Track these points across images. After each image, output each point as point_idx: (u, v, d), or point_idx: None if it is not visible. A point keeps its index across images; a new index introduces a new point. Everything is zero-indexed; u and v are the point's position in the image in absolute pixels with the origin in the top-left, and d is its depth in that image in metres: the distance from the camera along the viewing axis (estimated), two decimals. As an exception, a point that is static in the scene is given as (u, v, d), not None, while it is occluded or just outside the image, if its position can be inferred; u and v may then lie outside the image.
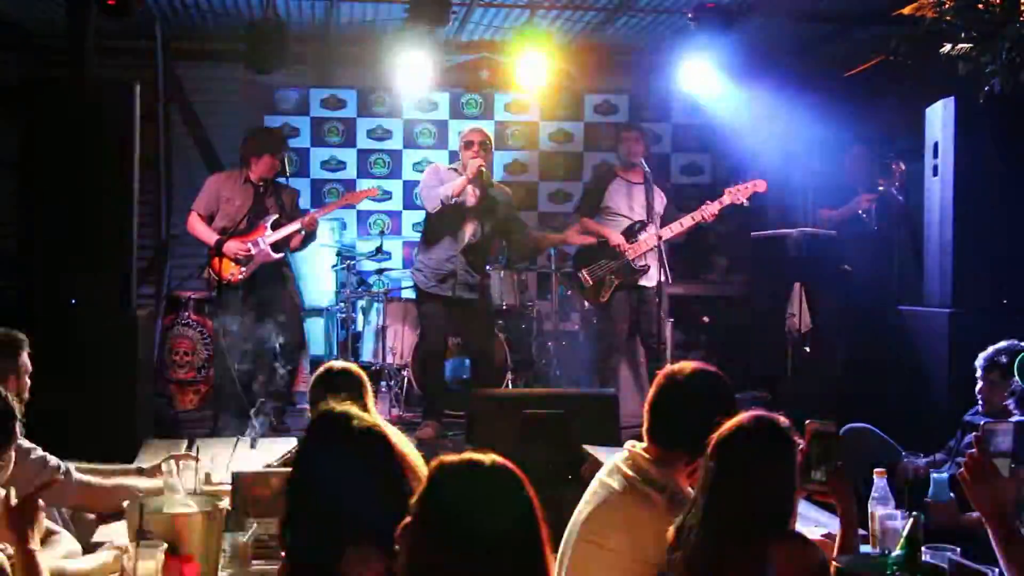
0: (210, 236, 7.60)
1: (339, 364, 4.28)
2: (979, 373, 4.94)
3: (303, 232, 7.69)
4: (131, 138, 6.38)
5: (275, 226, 7.63)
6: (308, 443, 2.79)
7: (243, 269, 7.55)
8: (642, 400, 3.31)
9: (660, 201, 7.94)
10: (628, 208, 7.90)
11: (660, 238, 7.65)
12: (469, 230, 7.63)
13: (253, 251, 7.55)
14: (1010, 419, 3.96)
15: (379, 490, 2.40)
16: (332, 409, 2.76)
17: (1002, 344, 4.90)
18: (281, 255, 7.70)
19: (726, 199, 7.90)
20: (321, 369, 4.29)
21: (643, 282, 7.84)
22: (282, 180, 7.84)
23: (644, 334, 7.95)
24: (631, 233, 7.85)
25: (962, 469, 2.76)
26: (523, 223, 8.30)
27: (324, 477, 2.65)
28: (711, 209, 7.88)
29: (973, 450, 2.74)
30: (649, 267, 7.78)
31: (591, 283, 7.99)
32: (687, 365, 3.30)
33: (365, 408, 3.97)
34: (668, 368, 3.33)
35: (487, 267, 8.13)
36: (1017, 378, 4.45)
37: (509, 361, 8.51)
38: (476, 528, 2.13)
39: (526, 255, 8.52)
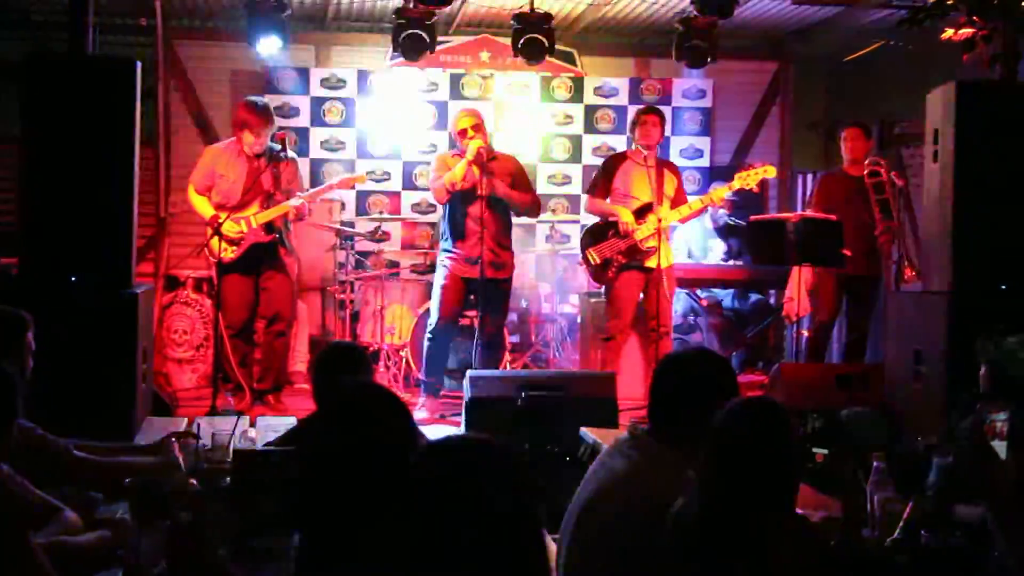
0: (207, 211, 7.61)
1: (344, 342, 4.29)
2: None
3: (292, 212, 7.68)
4: (131, 116, 6.36)
5: (266, 204, 7.62)
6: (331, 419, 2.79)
7: (235, 249, 7.55)
8: (645, 382, 3.33)
9: (672, 184, 7.95)
10: (637, 189, 7.89)
11: (660, 220, 7.66)
12: (485, 211, 7.61)
13: (244, 231, 7.54)
14: None
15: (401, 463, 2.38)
16: (352, 384, 2.76)
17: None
18: (273, 236, 7.69)
19: (735, 184, 7.94)
20: (326, 347, 4.29)
21: (650, 263, 7.84)
22: (282, 154, 7.75)
23: (648, 316, 7.96)
24: (639, 215, 7.86)
25: (961, 452, 2.77)
26: (529, 185, 8.22)
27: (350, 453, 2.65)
28: (720, 193, 7.92)
29: (972, 433, 2.75)
30: (656, 248, 7.78)
31: (598, 262, 8.01)
32: (691, 348, 3.31)
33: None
34: (672, 351, 3.34)
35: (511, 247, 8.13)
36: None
37: (507, 342, 8.52)
38: (465, 508, 2.12)
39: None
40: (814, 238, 7.72)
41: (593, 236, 8.10)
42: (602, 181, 8.13)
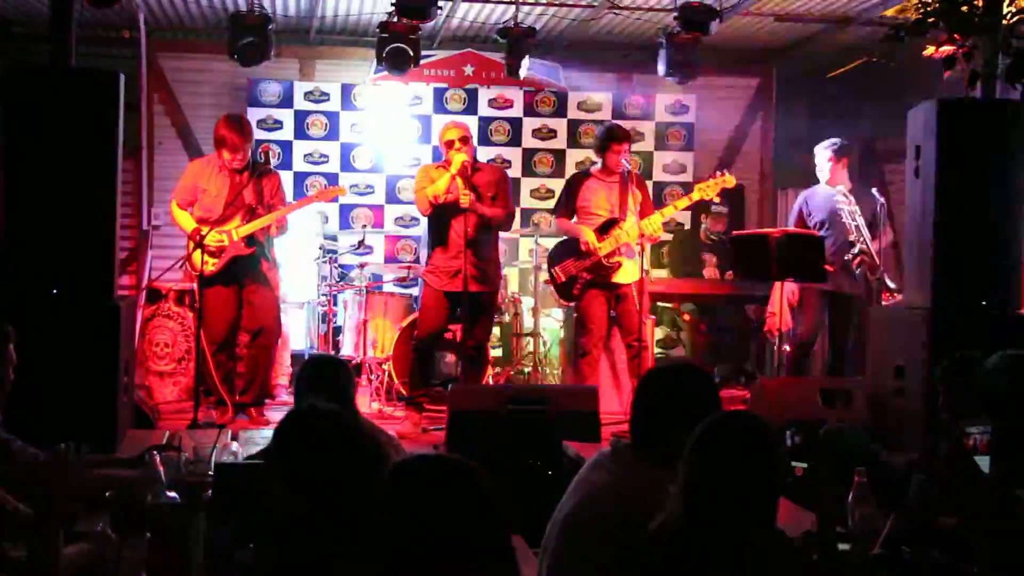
0: (189, 225, 7.60)
1: (326, 356, 4.29)
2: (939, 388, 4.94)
3: (273, 228, 7.67)
4: (114, 128, 6.34)
5: (248, 218, 7.60)
6: (279, 445, 2.79)
7: (216, 261, 7.53)
8: (620, 397, 3.34)
9: (635, 198, 7.95)
10: (601, 206, 7.92)
11: (619, 238, 7.69)
12: (468, 224, 7.59)
13: (226, 243, 7.53)
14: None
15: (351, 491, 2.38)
16: (301, 409, 2.77)
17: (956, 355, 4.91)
18: (254, 248, 7.67)
19: (695, 195, 7.97)
20: (307, 361, 4.29)
21: (617, 279, 7.86)
22: (265, 168, 7.75)
23: (624, 331, 7.97)
24: (602, 230, 7.87)
25: (941, 468, 2.78)
26: (507, 199, 8.11)
27: (297, 479, 2.65)
28: (680, 205, 7.94)
29: (952, 449, 2.76)
30: (621, 264, 7.80)
31: (563, 279, 8.02)
32: (673, 363, 3.32)
33: (350, 401, 3.98)
34: (655, 365, 3.35)
35: (499, 259, 8.10)
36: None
37: (490, 356, 8.51)
38: (434, 526, 2.10)
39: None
40: (796, 254, 7.74)
41: (558, 254, 8.11)
42: (566, 200, 8.15)
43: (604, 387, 8.10)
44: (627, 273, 7.84)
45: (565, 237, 8.18)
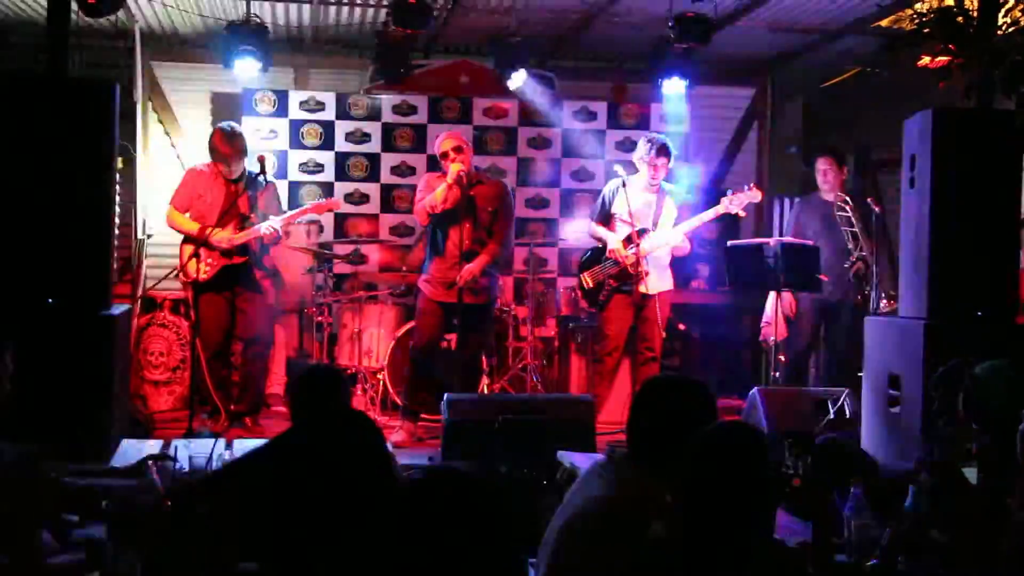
0: (191, 227, 7.60)
1: (322, 365, 4.28)
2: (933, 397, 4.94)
3: (263, 239, 7.66)
4: (109, 137, 6.36)
5: (242, 227, 7.60)
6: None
7: (208, 269, 7.53)
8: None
9: (671, 211, 8.00)
10: (632, 215, 7.91)
11: (638, 247, 7.68)
12: (465, 234, 7.60)
13: (217, 251, 7.53)
14: None
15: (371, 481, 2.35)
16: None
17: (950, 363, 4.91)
18: (246, 258, 7.67)
19: (721, 208, 7.96)
20: (304, 369, 4.29)
21: (643, 288, 7.85)
22: (260, 178, 7.77)
23: (639, 338, 7.97)
24: (630, 239, 7.86)
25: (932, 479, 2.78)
26: (507, 223, 8.11)
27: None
28: (706, 217, 7.96)
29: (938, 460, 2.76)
30: (648, 273, 7.81)
31: (591, 285, 8.06)
32: (672, 374, 3.33)
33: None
34: (653, 376, 3.35)
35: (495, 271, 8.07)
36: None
37: (485, 365, 8.51)
38: (451, 544, 2.07)
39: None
40: (792, 263, 7.75)
41: (589, 260, 8.16)
42: (601, 207, 8.17)
43: (619, 397, 8.09)
44: (655, 283, 7.85)
45: (597, 244, 8.20)
